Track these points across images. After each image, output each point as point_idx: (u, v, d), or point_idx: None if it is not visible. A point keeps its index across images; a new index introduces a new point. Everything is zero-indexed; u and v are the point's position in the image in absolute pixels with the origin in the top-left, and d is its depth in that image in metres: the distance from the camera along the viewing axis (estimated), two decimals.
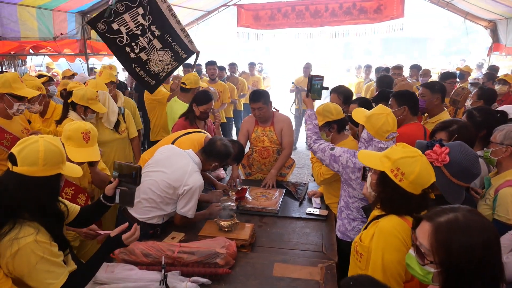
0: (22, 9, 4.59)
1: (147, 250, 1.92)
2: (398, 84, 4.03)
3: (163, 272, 1.62)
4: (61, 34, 5.35)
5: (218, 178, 3.34)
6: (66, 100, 2.87)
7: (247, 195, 2.81)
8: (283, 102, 7.01)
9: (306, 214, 2.62)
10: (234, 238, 2.14)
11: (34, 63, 7.65)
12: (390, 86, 4.12)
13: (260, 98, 3.11)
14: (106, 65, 6.16)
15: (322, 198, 2.84)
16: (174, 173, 2.29)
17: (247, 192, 2.84)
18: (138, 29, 3.74)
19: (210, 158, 2.45)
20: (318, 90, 2.58)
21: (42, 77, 4.13)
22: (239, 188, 2.91)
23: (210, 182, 3.04)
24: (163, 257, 1.77)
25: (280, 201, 2.76)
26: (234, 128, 7.05)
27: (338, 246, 2.21)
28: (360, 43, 25.41)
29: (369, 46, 26.78)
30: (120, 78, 6.56)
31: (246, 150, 3.21)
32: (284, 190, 2.97)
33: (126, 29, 3.69)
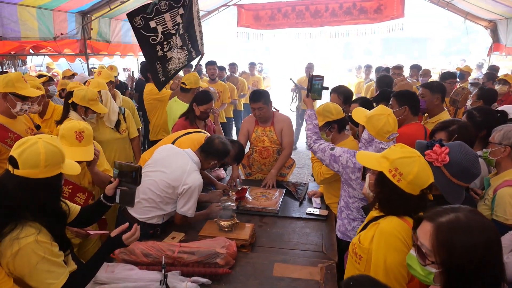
0: (22, 9, 4.59)
1: (147, 250, 1.92)
2: (398, 84, 4.02)
3: (163, 272, 1.62)
4: (61, 34, 5.36)
5: (218, 178, 3.34)
6: (66, 100, 2.87)
7: (247, 195, 2.81)
8: (283, 102, 6.99)
9: (306, 214, 2.62)
10: (234, 238, 2.13)
11: (34, 63, 7.66)
12: (390, 86, 4.11)
13: (260, 98, 3.11)
14: (103, 65, 6.17)
15: (322, 198, 2.84)
16: (173, 172, 2.29)
17: (247, 192, 2.85)
18: (174, 28, 3.73)
19: (208, 156, 2.45)
20: (318, 90, 2.58)
21: (42, 77, 4.14)
22: (239, 188, 2.91)
23: (210, 182, 3.04)
24: (163, 257, 1.76)
25: (280, 201, 2.76)
26: (234, 128, 7.05)
27: (338, 246, 2.21)
28: (360, 43, 25.44)
29: (369, 46, 26.81)
30: (120, 78, 6.56)
31: (246, 150, 3.21)
32: (284, 190, 2.97)
33: (163, 28, 3.66)
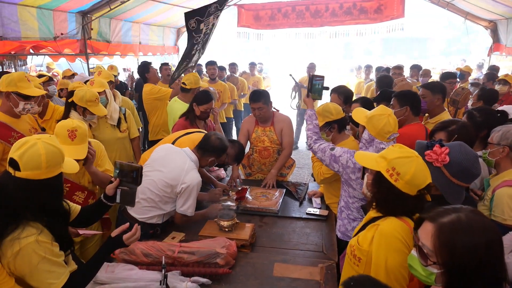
0: (22, 9, 4.59)
1: (148, 250, 1.92)
2: (398, 84, 4.02)
3: (163, 272, 1.62)
4: (61, 34, 5.35)
5: (218, 178, 3.34)
6: (68, 99, 2.87)
7: (247, 195, 2.81)
8: (284, 102, 6.99)
9: (306, 214, 2.62)
10: (234, 238, 2.14)
11: (35, 63, 7.65)
12: (390, 86, 4.11)
13: (260, 98, 3.11)
14: (101, 65, 6.17)
15: (322, 198, 2.84)
16: (171, 171, 2.29)
17: (247, 192, 2.85)
18: (212, 30, 3.84)
19: (206, 153, 2.44)
20: (318, 90, 2.59)
21: (42, 77, 4.13)
22: (239, 188, 2.92)
23: (210, 182, 3.04)
24: (163, 257, 1.77)
25: (280, 201, 2.76)
26: (234, 128, 7.05)
27: (338, 246, 2.21)
28: (360, 43, 25.45)
29: (369, 46, 26.81)
30: (120, 79, 6.56)
31: (247, 150, 3.21)
32: (284, 190, 2.97)
33: (206, 29, 3.74)
